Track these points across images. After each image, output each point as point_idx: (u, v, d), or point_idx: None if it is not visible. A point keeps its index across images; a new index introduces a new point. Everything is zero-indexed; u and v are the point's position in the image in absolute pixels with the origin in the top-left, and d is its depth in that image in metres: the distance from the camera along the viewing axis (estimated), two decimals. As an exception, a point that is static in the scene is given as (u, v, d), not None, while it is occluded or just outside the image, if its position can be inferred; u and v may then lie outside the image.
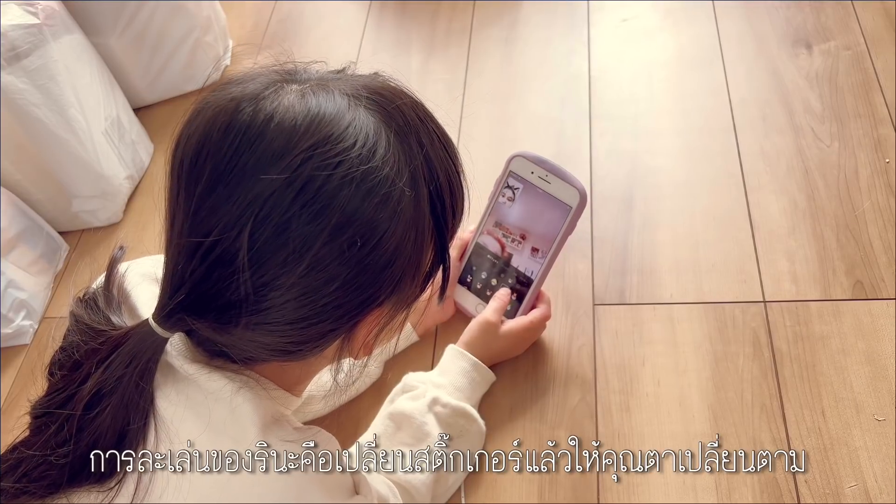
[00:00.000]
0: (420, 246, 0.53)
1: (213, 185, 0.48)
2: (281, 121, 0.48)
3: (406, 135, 0.52)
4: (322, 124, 0.48)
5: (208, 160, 0.48)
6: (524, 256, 0.88)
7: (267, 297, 0.49)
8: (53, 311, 1.09)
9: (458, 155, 0.58)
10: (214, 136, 0.49)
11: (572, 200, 0.85)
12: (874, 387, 0.83)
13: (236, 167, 0.47)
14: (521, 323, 0.87)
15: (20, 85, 1.01)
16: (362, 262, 0.49)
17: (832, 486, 0.77)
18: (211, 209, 0.48)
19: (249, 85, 0.50)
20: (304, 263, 0.48)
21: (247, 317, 0.49)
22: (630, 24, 1.28)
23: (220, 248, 0.48)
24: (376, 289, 0.51)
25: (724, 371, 0.87)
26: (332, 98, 0.50)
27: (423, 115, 0.55)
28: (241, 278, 0.48)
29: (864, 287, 0.91)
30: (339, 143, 0.48)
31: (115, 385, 0.50)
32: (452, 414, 0.80)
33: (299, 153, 0.47)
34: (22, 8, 1.02)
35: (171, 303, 0.50)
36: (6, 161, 1.07)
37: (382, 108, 0.51)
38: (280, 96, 0.49)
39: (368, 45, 1.35)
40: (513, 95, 1.22)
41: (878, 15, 1.19)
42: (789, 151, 1.06)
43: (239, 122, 0.48)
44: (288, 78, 0.52)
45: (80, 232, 1.18)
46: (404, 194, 0.50)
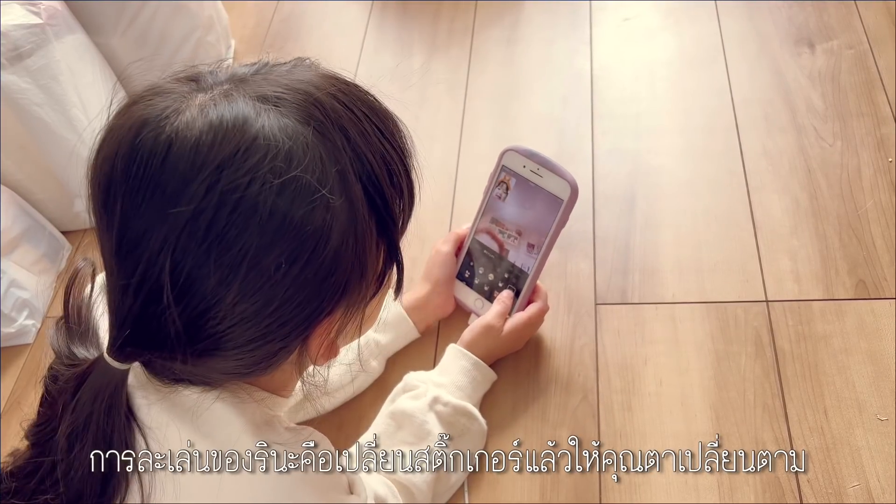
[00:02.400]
0: (362, 249, 0.50)
1: (126, 223, 0.46)
2: (182, 142, 0.44)
3: (327, 130, 0.47)
4: (227, 140, 0.44)
5: (118, 197, 0.46)
6: (521, 252, 0.88)
7: (205, 327, 0.47)
8: (56, 311, 1.09)
9: (402, 136, 0.53)
10: (119, 170, 0.46)
11: (563, 193, 0.85)
12: (877, 386, 0.83)
13: (143, 202, 0.45)
14: (520, 320, 0.87)
15: (22, 85, 1.01)
16: (297, 279, 0.46)
17: (834, 486, 0.77)
18: (130, 247, 0.46)
19: (152, 104, 0.47)
20: (232, 292, 0.45)
21: (190, 346, 0.47)
22: (632, 23, 1.28)
23: (147, 286, 0.46)
24: (320, 300, 0.49)
25: (727, 370, 0.87)
26: (236, 106, 0.46)
27: (349, 101, 0.50)
28: (170, 316, 0.46)
29: (867, 286, 0.91)
30: (248, 159, 0.44)
31: (86, 423, 0.50)
32: (454, 413, 0.80)
33: (204, 179, 0.44)
34: (24, 8, 1.02)
35: (120, 337, 0.48)
36: (8, 161, 1.07)
37: (296, 105, 0.47)
38: (180, 113, 0.46)
39: (370, 44, 1.35)
40: (515, 95, 1.22)
41: (880, 14, 1.19)
42: (792, 150, 1.06)
43: (139, 151, 0.45)
44: (194, 88, 0.48)
45: (82, 231, 1.18)
46: (332, 199, 0.46)
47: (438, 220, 1.07)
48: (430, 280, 0.91)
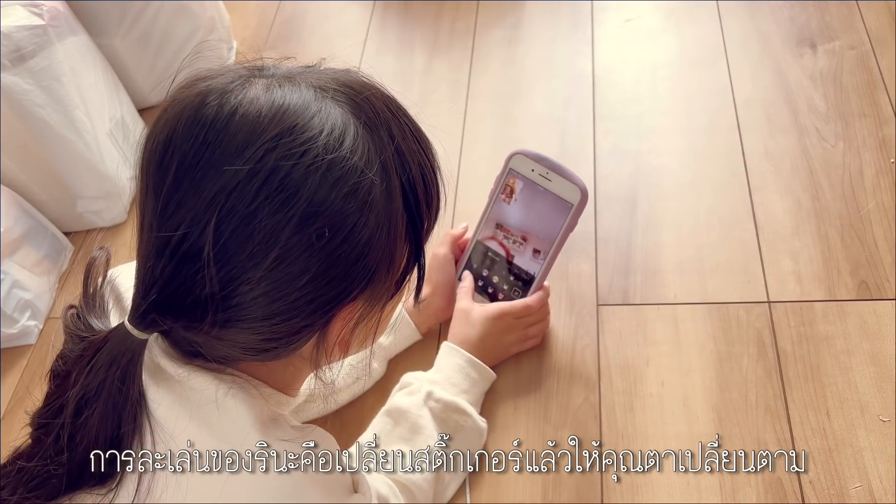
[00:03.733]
0: (393, 239, 0.52)
1: (180, 181, 0.47)
2: (245, 113, 0.48)
3: (376, 126, 0.51)
4: (287, 115, 0.48)
5: (174, 156, 0.48)
6: (526, 256, 0.88)
7: (235, 293, 0.48)
8: (58, 312, 1.09)
9: (433, 151, 0.57)
10: (180, 132, 0.48)
11: (573, 197, 0.85)
12: (879, 387, 0.83)
13: (201, 161, 0.47)
14: (496, 306, 0.86)
15: (25, 86, 1.01)
16: (332, 255, 0.48)
17: (837, 486, 0.77)
18: (178, 204, 0.47)
19: (216, 80, 0.50)
20: (271, 256, 0.47)
21: (216, 314, 0.49)
22: (634, 23, 1.28)
23: (187, 244, 0.47)
24: (348, 282, 0.51)
25: (729, 371, 0.87)
26: (299, 90, 0.50)
27: (395, 109, 0.54)
28: (208, 273, 0.47)
29: (869, 287, 0.91)
30: (304, 133, 0.47)
31: (99, 388, 0.50)
32: (445, 409, 0.80)
33: (263, 143, 0.47)
34: (27, 9, 1.02)
35: (144, 303, 0.49)
36: (11, 162, 1.07)
37: (351, 99, 0.51)
38: (245, 89, 0.49)
39: (372, 45, 1.35)
40: (516, 95, 1.22)
41: (882, 14, 1.19)
42: (794, 151, 1.05)
43: (203, 116, 0.48)
44: (256, 73, 0.51)
45: (84, 232, 1.18)
46: (374, 184, 0.49)
47: (439, 222, 1.06)
48: (430, 283, 0.91)
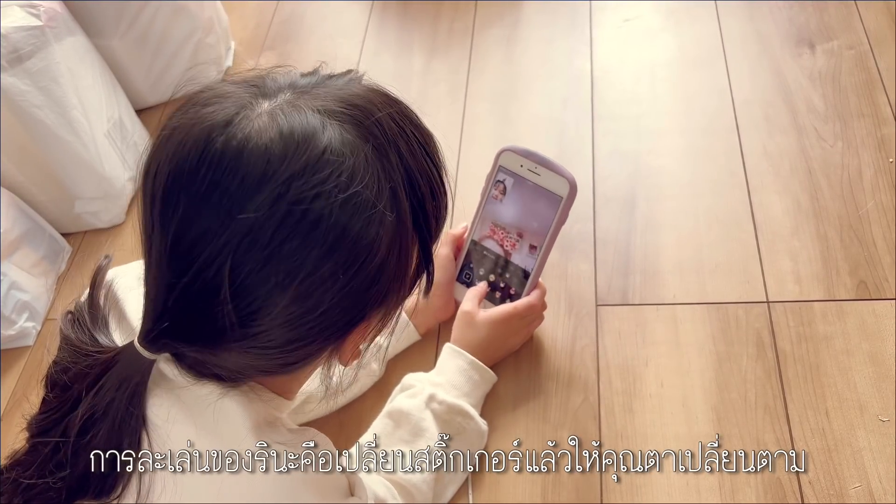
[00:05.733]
0: (405, 260, 0.53)
1: (189, 221, 0.47)
2: (254, 148, 0.46)
3: (384, 148, 0.50)
4: (297, 152, 0.46)
5: (182, 194, 0.47)
6: (522, 253, 0.88)
7: (254, 324, 0.48)
8: (56, 313, 1.09)
9: (439, 152, 0.56)
10: (187, 169, 0.47)
11: (562, 190, 0.85)
12: (878, 387, 0.83)
13: (211, 202, 0.46)
14: (505, 309, 0.86)
15: (22, 87, 1.01)
16: (347, 286, 0.49)
17: (836, 486, 0.77)
18: (189, 245, 0.47)
19: (218, 108, 0.48)
20: (288, 294, 0.47)
21: (233, 343, 0.49)
22: (632, 24, 1.28)
23: (201, 283, 0.47)
24: (362, 308, 0.52)
25: (728, 372, 0.87)
26: (305, 118, 0.48)
27: (401, 120, 0.53)
28: (225, 310, 0.47)
29: (868, 287, 0.91)
30: (316, 174, 0.46)
31: (107, 409, 0.50)
32: (448, 411, 0.80)
33: (276, 186, 0.46)
34: (24, 10, 1.02)
35: (155, 329, 0.49)
36: (9, 163, 1.07)
37: (358, 122, 0.50)
38: (250, 120, 0.47)
39: (370, 45, 1.35)
40: (515, 96, 1.22)
41: (880, 14, 1.19)
42: (792, 151, 1.06)
43: (211, 154, 0.46)
44: (256, 93, 0.49)
45: (82, 233, 1.18)
46: (385, 215, 0.49)
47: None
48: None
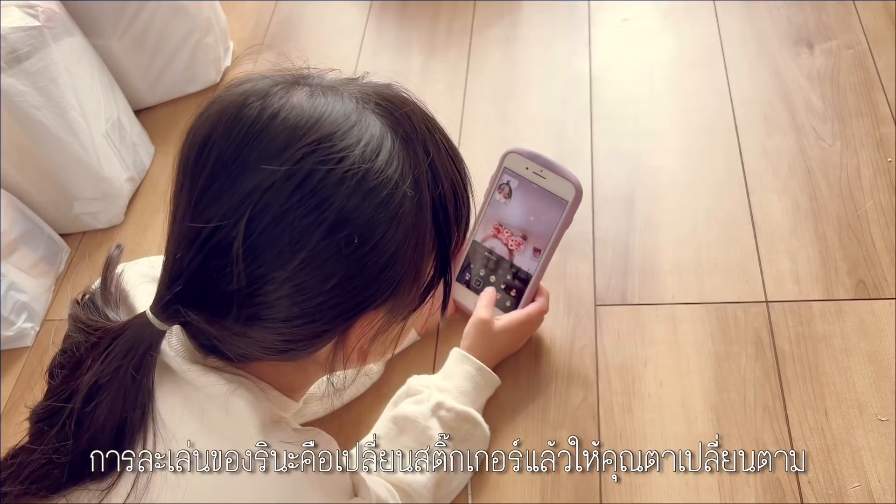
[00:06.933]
0: (420, 253, 0.53)
1: (216, 175, 0.48)
2: (287, 117, 0.49)
3: (412, 141, 0.52)
4: (327, 122, 0.49)
5: (213, 151, 0.49)
6: (526, 257, 0.88)
7: (261, 291, 0.49)
8: (55, 314, 1.09)
9: (466, 170, 0.58)
10: (220, 128, 0.49)
11: (568, 194, 0.85)
12: (877, 387, 0.83)
13: (239, 158, 0.48)
14: (518, 317, 0.87)
15: (21, 87, 1.01)
16: (359, 262, 0.49)
17: (835, 486, 0.77)
18: (212, 198, 0.48)
19: (260, 83, 0.51)
20: (298, 258, 0.48)
21: (240, 309, 0.49)
22: (631, 23, 1.28)
23: (218, 237, 0.48)
24: (372, 291, 0.51)
25: (727, 372, 0.87)
26: (341, 99, 0.51)
27: (432, 126, 0.55)
28: (236, 269, 0.48)
29: (867, 287, 0.91)
30: (343, 141, 0.48)
31: (113, 375, 0.51)
32: (457, 419, 0.79)
33: (301, 147, 0.47)
34: (22, 10, 1.02)
35: (169, 293, 0.50)
36: (7, 163, 1.07)
37: (390, 113, 0.52)
38: (289, 94, 0.50)
39: (369, 45, 1.35)
40: (513, 96, 1.22)
41: (879, 14, 1.19)
42: (791, 151, 1.06)
43: (245, 116, 0.49)
44: (300, 80, 0.52)
45: (81, 234, 1.18)
46: (406, 197, 0.50)
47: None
48: None
